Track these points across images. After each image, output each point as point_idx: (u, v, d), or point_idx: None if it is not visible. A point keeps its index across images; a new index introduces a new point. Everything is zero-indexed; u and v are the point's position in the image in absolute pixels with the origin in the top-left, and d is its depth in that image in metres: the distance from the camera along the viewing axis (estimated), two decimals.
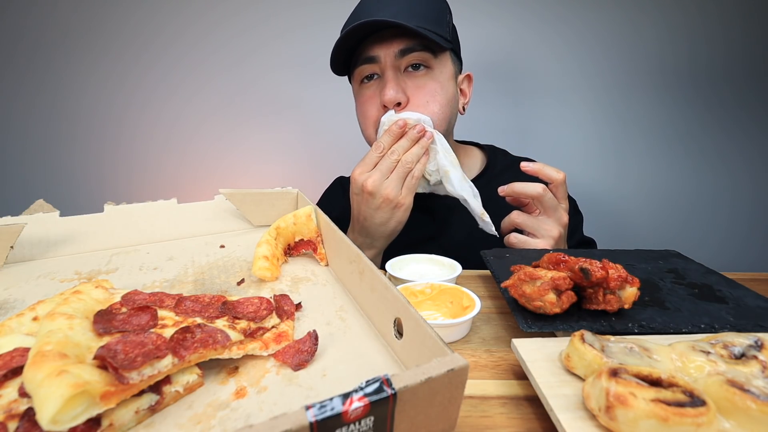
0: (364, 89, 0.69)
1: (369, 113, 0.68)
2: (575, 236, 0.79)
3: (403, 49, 0.64)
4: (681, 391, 0.25)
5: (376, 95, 0.67)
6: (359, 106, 0.70)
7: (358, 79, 0.69)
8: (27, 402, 0.24)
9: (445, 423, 0.25)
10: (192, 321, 0.33)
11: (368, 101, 0.68)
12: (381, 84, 0.67)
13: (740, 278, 0.54)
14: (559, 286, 0.39)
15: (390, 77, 0.65)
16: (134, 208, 0.59)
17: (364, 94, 0.69)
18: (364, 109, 0.69)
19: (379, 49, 0.65)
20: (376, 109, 0.67)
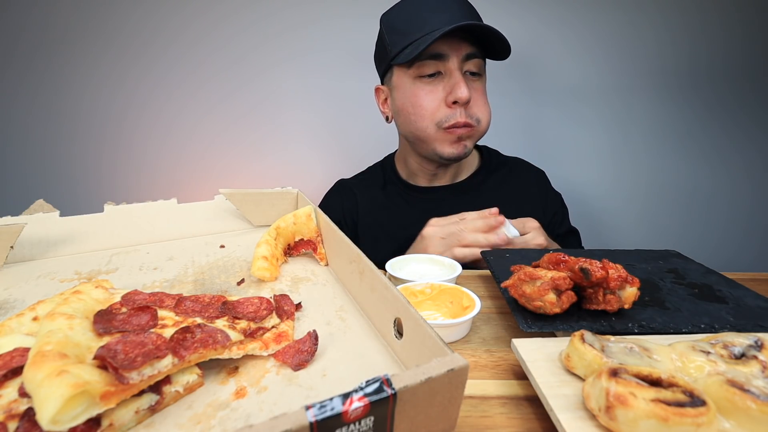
0: (424, 83, 0.71)
1: (429, 106, 0.71)
2: (563, 226, 0.86)
3: (468, 54, 0.70)
4: (681, 391, 0.25)
5: (438, 91, 0.71)
6: (415, 98, 0.72)
7: (414, 73, 0.71)
8: (27, 402, 0.24)
9: (445, 423, 0.25)
10: (192, 321, 0.33)
11: (429, 95, 0.71)
12: (447, 82, 0.70)
13: (740, 278, 0.54)
14: (559, 286, 0.39)
15: (460, 77, 0.69)
16: (134, 208, 0.59)
17: (424, 88, 0.71)
18: (424, 102, 0.71)
19: (448, 48, 0.68)
20: (437, 104, 0.71)
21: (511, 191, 0.84)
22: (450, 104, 0.70)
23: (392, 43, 0.72)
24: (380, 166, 0.92)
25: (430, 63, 0.69)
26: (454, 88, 0.69)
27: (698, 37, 1.17)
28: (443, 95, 0.71)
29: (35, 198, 0.56)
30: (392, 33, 0.72)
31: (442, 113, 0.71)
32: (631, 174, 1.25)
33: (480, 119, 0.73)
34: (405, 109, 0.74)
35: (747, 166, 1.23)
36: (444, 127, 0.71)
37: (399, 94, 0.75)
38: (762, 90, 1.19)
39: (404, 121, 0.76)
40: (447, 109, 0.71)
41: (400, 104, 0.75)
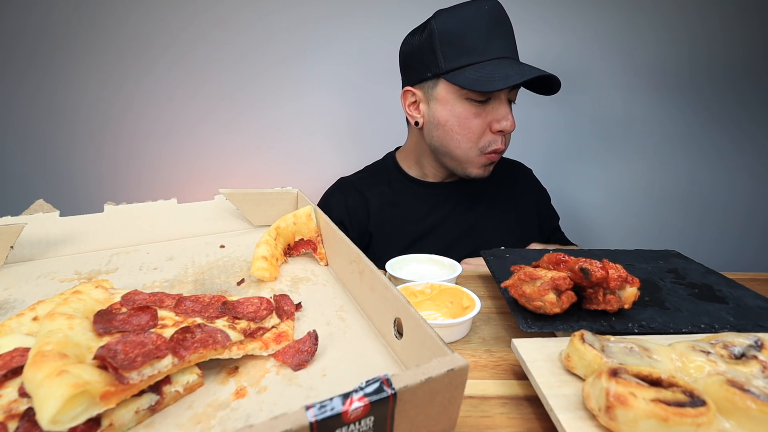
0: (474, 106, 0.72)
1: (476, 129, 0.73)
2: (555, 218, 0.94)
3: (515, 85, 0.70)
4: (681, 391, 0.25)
5: (486, 116, 0.73)
6: (464, 119, 0.73)
7: (465, 95, 0.72)
8: (27, 402, 0.24)
9: (445, 423, 0.25)
10: (192, 321, 0.33)
11: (477, 118, 0.73)
12: (494, 109, 0.72)
13: (740, 278, 0.54)
14: (559, 286, 0.39)
15: (508, 109, 0.73)
16: (134, 208, 0.59)
17: (472, 110, 0.72)
18: (472, 125, 0.73)
19: None
20: (483, 128, 0.73)
21: (509, 189, 0.87)
22: (495, 131, 0.72)
23: (446, 55, 0.71)
24: (381, 164, 0.92)
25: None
26: (501, 119, 0.72)
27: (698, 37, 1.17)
28: (489, 120, 0.73)
29: (35, 198, 0.56)
30: (447, 44, 0.71)
31: (486, 139, 0.73)
32: (631, 174, 1.25)
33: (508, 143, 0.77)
34: (449, 126, 0.74)
35: (747, 165, 1.23)
36: (486, 153, 0.74)
37: (443, 109, 0.74)
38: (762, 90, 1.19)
39: (443, 135, 0.76)
40: (491, 135, 0.73)
41: (442, 119, 0.75)
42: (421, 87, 0.77)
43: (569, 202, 0.94)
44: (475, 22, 0.69)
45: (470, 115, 0.72)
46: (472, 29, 0.69)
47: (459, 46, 0.70)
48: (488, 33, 0.69)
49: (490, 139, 0.74)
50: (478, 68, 0.69)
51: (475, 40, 0.69)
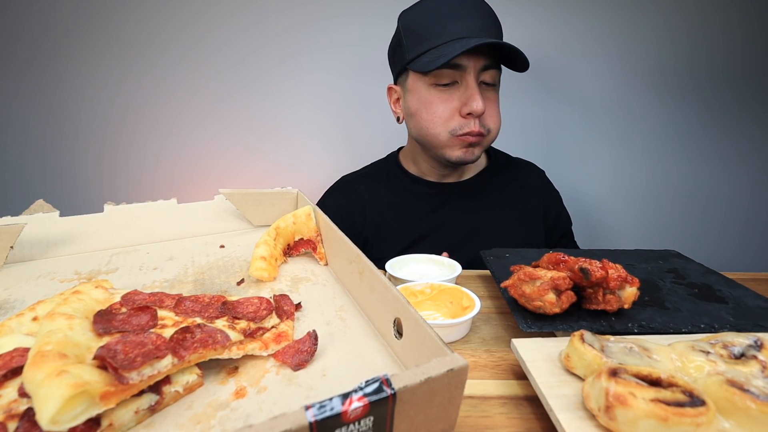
0: (439, 91, 0.71)
1: (443, 114, 0.72)
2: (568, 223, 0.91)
3: (485, 65, 0.69)
4: (681, 391, 0.25)
5: (453, 100, 0.71)
6: (430, 105, 0.72)
7: (430, 80, 0.71)
8: (27, 402, 0.24)
9: (445, 423, 0.25)
10: (192, 321, 0.33)
11: (444, 103, 0.71)
12: (463, 92, 0.70)
13: (740, 278, 0.54)
14: (559, 286, 0.39)
15: (476, 89, 0.69)
16: (134, 208, 0.59)
17: (439, 96, 0.71)
18: (438, 110, 0.72)
19: (466, 59, 0.68)
20: (451, 113, 0.71)
21: (515, 191, 0.86)
22: (464, 115, 0.71)
23: (409, 46, 0.72)
24: (383, 163, 0.92)
25: (447, 72, 0.69)
26: (469, 100, 0.69)
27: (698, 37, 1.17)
28: (458, 105, 0.71)
29: (35, 198, 0.56)
30: (410, 36, 0.72)
31: (456, 122, 0.72)
32: (631, 174, 1.25)
33: (491, 129, 0.74)
34: (418, 114, 0.75)
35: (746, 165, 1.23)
36: (456, 135, 0.72)
37: (413, 98, 0.75)
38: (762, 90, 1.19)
39: (416, 125, 0.76)
40: (460, 119, 0.71)
41: (413, 108, 0.76)
42: (399, 83, 0.79)
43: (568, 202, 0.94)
44: (435, 9, 0.70)
45: (435, 100, 0.72)
46: (431, 16, 0.70)
47: (419, 35, 0.70)
48: (447, 16, 0.68)
49: (461, 123, 0.71)
50: (434, 51, 0.68)
51: (433, 26, 0.69)
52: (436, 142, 0.74)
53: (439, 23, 0.69)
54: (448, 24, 0.68)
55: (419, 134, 0.77)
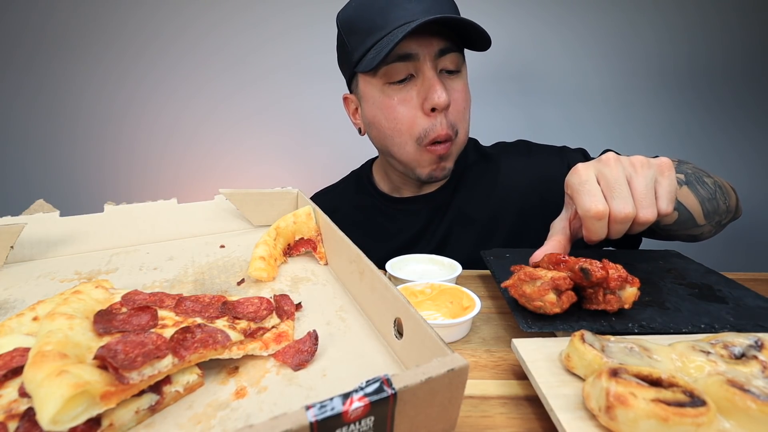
0: (396, 91, 0.61)
1: (404, 117, 0.62)
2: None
3: (442, 49, 0.59)
4: (681, 391, 0.25)
5: (411, 98, 0.61)
6: (388, 110, 0.62)
7: (383, 79, 0.61)
8: (27, 402, 0.24)
9: (445, 423, 0.25)
10: (192, 321, 0.33)
11: (404, 103, 0.61)
12: (421, 86, 0.60)
13: (740, 278, 0.54)
14: (559, 286, 0.39)
15: (435, 78, 0.59)
16: (134, 208, 0.59)
17: (395, 97, 0.61)
18: (398, 113, 0.62)
19: (417, 46, 0.58)
20: (413, 113, 0.61)
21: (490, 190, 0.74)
22: (428, 112, 0.60)
23: (353, 46, 0.62)
24: (355, 176, 0.84)
25: (399, 66, 0.59)
26: (429, 93, 0.59)
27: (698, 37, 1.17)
28: (419, 102, 0.61)
29: (35, 198, 0.56)
30: (351, 34, 0.62)
31: (421, 125, 0.61)
32: None
33: (459, 130, 0.64)
34: (377, 121, 0.65)
35: (746, 165, 1.24)
36: (424, 144, 0.62)
37: (368, 106, 0.65)
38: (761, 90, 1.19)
39: (378, 135, 0.67)
40: (426, 119, 0.61)
41: (371, 117, 0.66)
42: (353, 90, 0.69)
43: None
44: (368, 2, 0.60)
45: (393, 102, 0.61)
46: (371, 6, 0.60)
47: (360, 31, 0.61)
48: (389, 3, 0.58)
49: (427, 125, 0.61)
50: (378, 46, 0.58)
51: (373, 17, 0.59)
52: (402, 156, 0.65)
53: (379, 14, 0.58)
54: (390, 11, 0.58)
55: (383, 146, 0.68)
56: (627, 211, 0.41)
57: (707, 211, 0.55)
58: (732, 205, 0.59)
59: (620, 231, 0.43)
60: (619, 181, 0.41)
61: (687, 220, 0.54)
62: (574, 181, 0.44)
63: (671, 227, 0.56)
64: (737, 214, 0.63)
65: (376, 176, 0.81)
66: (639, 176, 0.42)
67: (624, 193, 0.41)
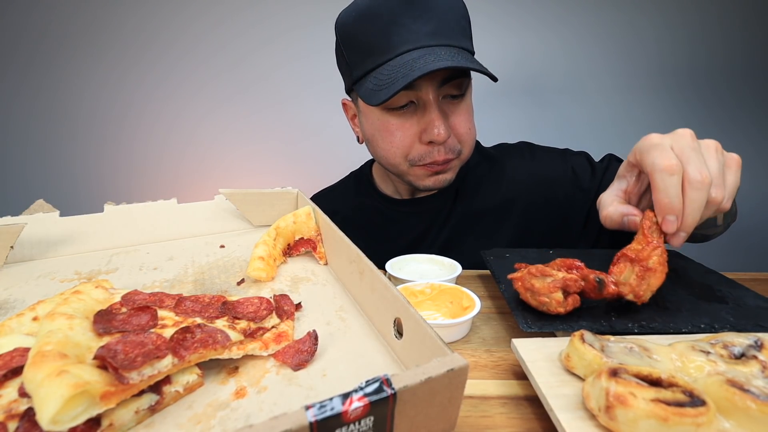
0: (395, 117, 0.60)
1: (401, 144, 0.61)
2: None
3: (445, 78, 0.58)
4: (681, 391, 0.25)
5: (411, 126, 0.60)
6: (385, 134, 0.62)
7: (383, 105, 0.59)
8: (27, 402, 0.24)
9: (445, 423, 0.25)
10: (192, 321, 0.33)
11: (402, 129, 0.60)
12: (420, 116, 0.60)
13: (740, 278, 0.54)
14: (569, 287, 0.39)
15: (436, 113, 0.58)
16: (134, 208, 0.59)
17: (395, 122, 0.61)
18: (394, 139, 0.61)
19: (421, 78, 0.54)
20: (410, 140, 0.61)
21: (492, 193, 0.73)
22: (425, 143, 0.60)
23: (352, 61, 0.60)
24: (355, 177, 0.84)
25: (401, 94, 0.57)
26: (428, 127, 0.58)
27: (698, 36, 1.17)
28: (417, 131, 0.60)
29: (35, 198, 0.56)
30: (351, 49, 0.60)
31: (417, 152, 0.61)
32: None
33: (462, 150, 0.63)
34: (374, 140, 0.65)
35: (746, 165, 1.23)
36: (418, 165, 0.62)
37: (367, 123, 0.65)
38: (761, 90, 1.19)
39: (374, 152, 0.67)
40: (422, 147, 0.61)
41: (369, 134, 0.66)
42: (352, 98, 0.68)
43: None
44: (374, 10, 0.56)
45: (391, 127, 0.61)
46: (372, 22, 0.56)
47: (360, 48, 0.58)
48: (391, 21, 0.55)
49: (422, 153, 0.61)
50: (379, 73, 0.56)
51: (375, 36, 0.56)
52: (397, 172, 0.66)
53: (381, 33, 0.56)
54: (391, 33, 0.55)
55: (379, 161, 0.68)
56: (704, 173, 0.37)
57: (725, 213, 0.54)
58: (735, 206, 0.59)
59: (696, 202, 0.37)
60: (696, 150, 0.39)
61: (709, 221, 0.53)
62: (644, 144, 0.41)
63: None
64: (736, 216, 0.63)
65: (377, 178, 0.80)
66: (712, 158, 0.40)
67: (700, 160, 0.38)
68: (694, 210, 0.38)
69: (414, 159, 0.62)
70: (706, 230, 0.57)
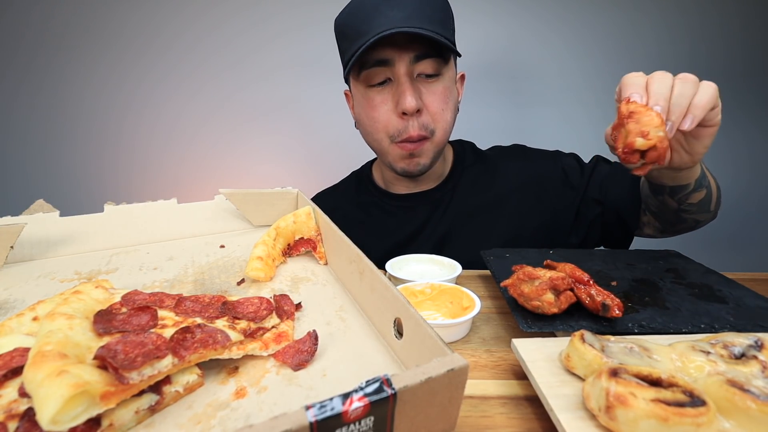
0: (374, 93, 0.66)
1: (381, 118, 0.67)
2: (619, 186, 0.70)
3: (417, 55, 0.63)
4: (681, 391, 0.25)
5: (388, 100, 0.66)
6: (368, 110, 0.68)
7: (365, 82, 0.66)
8: (27, 402, 0.24)
9: (445, 423, 0.25)
10: (192, 321, 0.33)
11: (380, 106, 0.66)
12: (395, 90, 0.65)
13: (740, 278, 0.54)
14: (557, 286, 0.39)
15: (407, 85, 0.63)
16: (134, 208, 0.59)
17: (374, 98, 0.66)
18: (375, 114, 0.67)
19: (392, 52, 0.62)
20: (388, 115, 0.66)
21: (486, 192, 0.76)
22: (400, 115, 0.65)
23: (343, 50, 0.68)
24: (356, 176, 0.88)
25: (377, 70, 0.64)
26: (400, 98, 0.63)
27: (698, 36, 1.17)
28: (393, 104, 0.65)
29: (35, 198, 0.56)
30: (342, 39, 0.67)
31: (394, 125, 0.66)
32: None
33: (435, 129, 0.67)
34: (361, 120, 0.71)
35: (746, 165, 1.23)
36: (397, 142, 0.67)
37: (356, 105, 0.72)
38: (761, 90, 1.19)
39: (363, 131, 0.73)
40: (399, 121, 0.65)
41: (357, 115, 0.72)
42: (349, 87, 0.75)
43: None
44: (359, 3, 0.64)
45: (372, 103, 0.66)
46: (358, 13, 0.64)
47: (349, 36, 0.65)
48: (373, 10, 0.62)
49: (400, 127, 0.65)
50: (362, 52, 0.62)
51: (359, 24, 0.63)
52: (380, 150, 0.71)
53: (364, 21, 0.62)
54: (371, 19, 0.62)
55: (366, 141, 0.73)
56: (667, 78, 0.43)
57: (718, 199, 0.58)
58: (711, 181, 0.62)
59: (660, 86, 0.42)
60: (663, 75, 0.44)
61: (706, 203, 0.57)
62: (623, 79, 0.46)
63: (692, 207, 0.58)
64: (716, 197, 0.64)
65: (376, 175, 0.84)
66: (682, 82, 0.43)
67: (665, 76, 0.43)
68: (658, 92, 0.42)
69: (393, 134, 0.67)
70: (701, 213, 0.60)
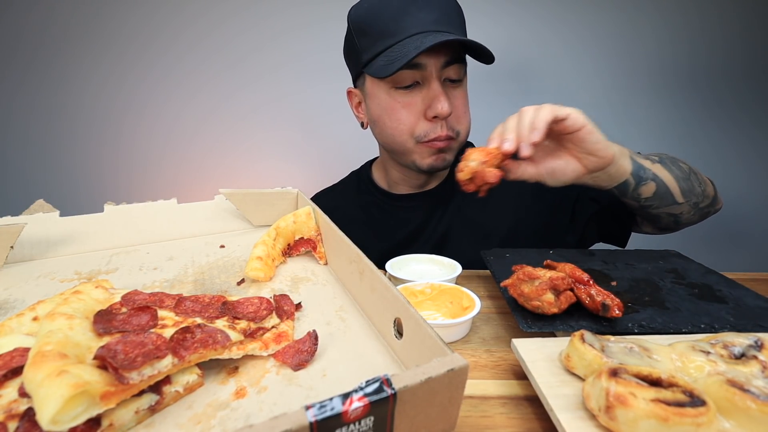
0: (401, 95, 0.66)
1: (407, 120, 0.66)
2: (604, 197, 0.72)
3: (448, 60, 0.63)
4: (681, 391, 0.25)
5: (416, 103, 0.66)
6: (393, 112, 0.67)
7: (391, 84, 0.65)
8: (27, 402, 0.24)
9: (445, 423, 0.25)
10: (192, 321, 0.33)
11: (407, 108, 0.66)
12: (425, 94, 0.65)
13: (740, 278, 0.54)
14: (557, 286, 0.39)
15: (440, 89, 0.64)
16: (134, 208, 0.59)
17: (401, 100, 0.66)
18: (401, 116, 0.66)
19: (426, 57, 0.62)
20: (416, 117, 0.66)
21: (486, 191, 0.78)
22: (429, 118, 0.65)
23: (363, 47, 0.66)
24: (355, 176, 0.88)
25: (407, 73, 0.63)
26: (433, 102, 0.64)
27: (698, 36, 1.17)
28: (422, 108, 0.66)
29: (35, 198, 0.56)
30: (362, 35, 0.66)
31: (422, 128, 0.66)
32: None
33: (460, 131, 0.68)
34: (381, 120, 0.69)
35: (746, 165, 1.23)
36: (423, 142, 0.67)
37: (374, 104, 0.70)
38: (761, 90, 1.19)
39: (380, 132, 0.71)
40: (426, 123, 0.66)
41: (375, 115, 0.70)
42: (359, 86, 0.74)
43: None
44: (384, 2, 0.63)
45: (397, 105, 0.66)
46: (382, 11, 0.63)
47: (372, 34, 0.64)
48: (399, 10, 0.62)
49: (427, 129, 0.66)
50: (389, 53, 0.62)
51: (385, 23, 0.63)
52: (402, 150, 0.70)
53: (391, 19, 0.62)
54: (400, 19, 0.62)
55: (385, 142, 0.72)
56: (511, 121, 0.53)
57: (683, 188, 0.58)
58: (709, 192, 0.63)
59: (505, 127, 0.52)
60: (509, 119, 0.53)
61: (665, 195, 0.57)
62: None
63: (651, 201, 0.58)
64: (717, 205, 0.66)
65: (376, 175, 0.84)
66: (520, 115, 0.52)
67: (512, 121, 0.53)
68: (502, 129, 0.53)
69: (419, 135, 0.67)
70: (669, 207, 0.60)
